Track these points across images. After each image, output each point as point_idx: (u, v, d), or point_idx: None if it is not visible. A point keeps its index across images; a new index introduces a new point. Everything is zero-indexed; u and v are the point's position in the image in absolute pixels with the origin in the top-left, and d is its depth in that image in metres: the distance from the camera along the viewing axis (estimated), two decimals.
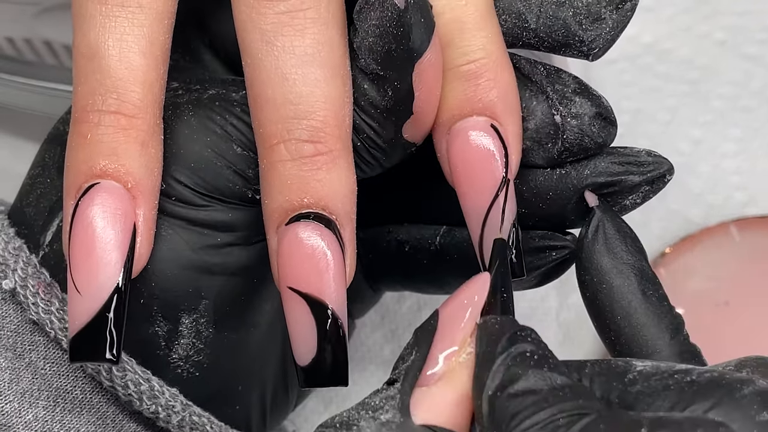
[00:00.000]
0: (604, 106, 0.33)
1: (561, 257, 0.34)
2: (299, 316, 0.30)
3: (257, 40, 0.30)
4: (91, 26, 0.30)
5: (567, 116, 0.32)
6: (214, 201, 0.32)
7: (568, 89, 0.33)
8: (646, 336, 0.32)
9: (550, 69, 0.33)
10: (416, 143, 0.32)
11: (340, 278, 0.30)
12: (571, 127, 0.32)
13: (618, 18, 0.32)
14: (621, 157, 0.33)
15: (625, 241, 0.32)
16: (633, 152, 0.33)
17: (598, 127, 0.32)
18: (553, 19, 0.32)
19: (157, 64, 0.31)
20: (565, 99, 0.32)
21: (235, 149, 0.32)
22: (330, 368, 0.31)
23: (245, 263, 0.33)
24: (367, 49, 0.31)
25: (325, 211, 0.30)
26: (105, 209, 0.30)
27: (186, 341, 0.33)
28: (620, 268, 0.32)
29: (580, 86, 0.33)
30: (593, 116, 0.32)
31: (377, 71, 0.31)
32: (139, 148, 0.30)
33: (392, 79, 0.31)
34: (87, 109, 0.30)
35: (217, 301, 0.33)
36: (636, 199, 0.33)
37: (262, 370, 0.35)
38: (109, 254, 0.30)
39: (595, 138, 0.32)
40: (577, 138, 0.32)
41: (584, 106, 0.32)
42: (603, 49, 0.32)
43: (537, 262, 0.34)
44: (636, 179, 0.33)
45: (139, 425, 0.33)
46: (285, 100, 0.30)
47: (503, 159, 0.32)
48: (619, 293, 0.32)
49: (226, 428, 0.34)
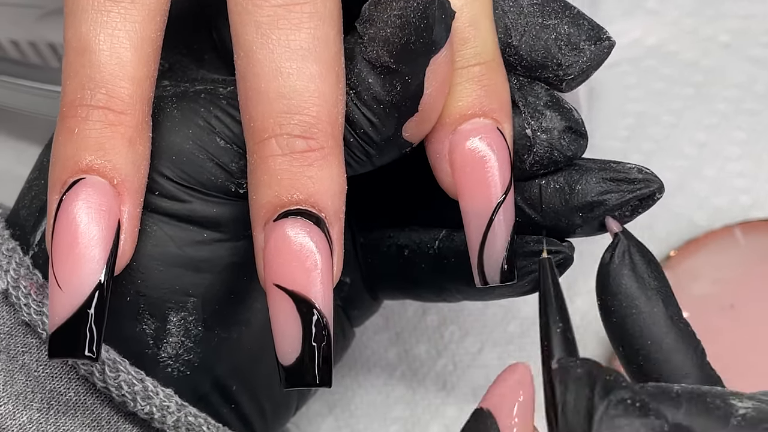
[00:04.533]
0: (575, 120, 0.33)
1: (556, 261, 0.34)
2: (284, 315, 0.30)
3: (252, 33, 0.30)
4: (83, 20, 0.30)
5: (537, 130, 0.32)
6: (198, 195, 0.32)
7: (540, 102, 0.33)
8: (676, 360, 0.31)
9: (524, 81, 0.33)
10: (413, 143, 0.32)
11: (328, 277, 0.30)
12: (541, 141, 0.32)
13: (596, 51, 0.33)
14: (612, 173, 0.33)
15: (650, 266, 0.32)
16: (624, 168, 0.33)
17: (568, 141, 0.32)
18: (536, 39, 0.32)
19: (147, 60, 0.30)
20: (537, 112, 0.33)
21: (218, 142, 0.32)
22: (313, 369, 0.30)
23: (233, 260, 0.33)
24: (383, 40, 0.30)
25: (315, 208, 0.30)
26: (89, 205, 0.30)
27: (175, 339, 0.33)
28: (649, 294, 0.32)
29: (552, 99, 0.33)
30: (563, 130, 0.32)
31: (389, 64, 0.30)
32: (127, 144, 0.30)
33: (404, 73, 0.30)
34: (75, 103, 0.30)
35: (205, 299, 0.33)
36: (623, 217, 0.33)
37: (258, 370, 0.35)
38: (91, 250, 0.29)
39: (564, 151, 0.32)
40: (546, 152, 0.32)
41: (554, 120, 0.32)
42: (577, 78, 0.33)
43: (531, 266, 0.34)
44: (626, 197, 0.33)
45: (135, 426, 0.33)
46: (278, 95, 0.30)
47: (509, 162, 0.32)
48: (650, 318, 0.31)
49: (224, 429, 0.34)
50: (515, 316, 0.45)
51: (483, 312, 0.45)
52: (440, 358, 0.45)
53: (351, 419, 0.44)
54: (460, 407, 0.44)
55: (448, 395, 0.44)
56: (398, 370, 0.44)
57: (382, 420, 0.44)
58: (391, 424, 0.44)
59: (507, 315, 0.45)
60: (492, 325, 0.45)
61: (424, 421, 0.44)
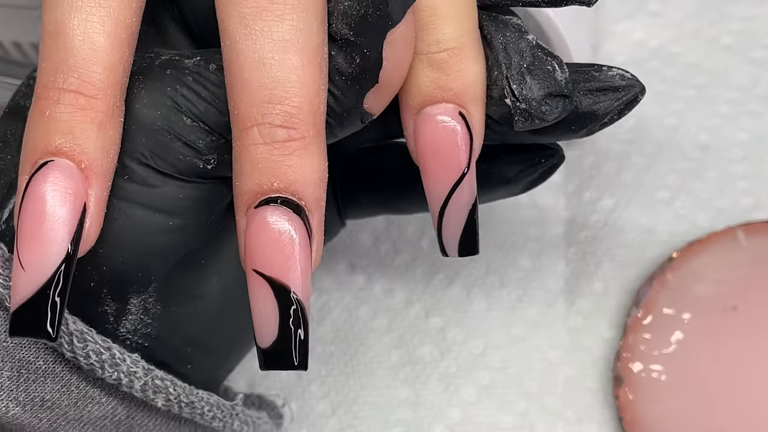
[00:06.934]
0: (556, 83, 0.33)
1: (549, 164, 0.36)
2: (262, 299, 0.31)
3: (236, 24, 0.31)
4: (58, 4, 0.31)
5: (516, 99, 0.33)
6: (166, 178, 0.32)
7: (524, 63, 0.33)
8: None
9: (510, 38, 0.34)
10: (373, 115, 0.33)
11: (306, 264, 0.31)
12: (521, 110, 0.33)
13: None
14: (597, 83, 0.34)
15: None
16: (607, 77, 0.34)
17: (549, 107, 0.33)
18: None
19: (121, 46, 0.31)
20: (519, 76, 0.33)
21: (185, 121, 0.32)
22: (290, 352, 0.31)
23: (196, 245, 0.34)
24: (342, 13, 0.31)
25: (295, 196, 0.31)
26: (56, 187, 0.30)
27: (134, 317, 0.34)
28: None
29: (534, 60, 0.33)
30: (543, 97, 0.33)
31: (348, 36, 0.31)
32: (96, 128, 0.30)
33: (363, 45, 0.31)
34: (48, 86, 0.30)
35: (166, 283, 0.34)
36: (611, 121, 0.35)
37: (212, 335, 0.36)
38: (56, 232, 0.30)
39: (545, 118, 0.33)
40: (527, 120, 0.33)
41: (533, 89, 0.33)
42: None
43: (528, 168, 0.37)
44: (614, 104, 0.34)
45: (103, 391, 0.34)
46: (260, 85, 0.30)
47: (468, 146, 0.33)
48: None
49: (190, 389, 0.35)
50: (519, 318, 0.45)
51: (486, 314, 0.45)
52: (443, 360, 0.45)
53: (354, 420, 0.44)
54: (464, 409, 0.44)
55: (451, 397, 0.44)
56: (401, 372, 0.45)
57: (385, 422, 0.44)
58: (394, 425, 0.44)
59: (511, 317, 0.45)
60: (495, 327, 0.45)
61: (427, 423, 0.44)
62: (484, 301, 0.45)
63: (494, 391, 0.44)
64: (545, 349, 0.44)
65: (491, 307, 0.45)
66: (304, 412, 0.44)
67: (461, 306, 0.45)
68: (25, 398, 0.33)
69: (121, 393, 0.34)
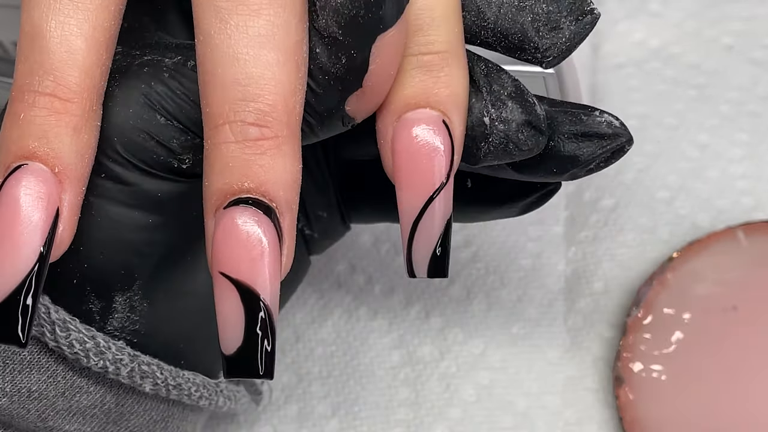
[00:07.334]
0: (535, 114, 0.32)
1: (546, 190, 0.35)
2: (228, 303, 0.30)
3: (211, 17, 0.30)
4: (36, 6, 0.30)
5: (496, 120, 0.32)
6: (142, 176, 0.32)
7: (504, 91, 0.32)
8: None
9: (492, 68, 0.33)
10: (356, 120, 0.32)
11: (275, 268, 0.30)
12: (498, 131, 0.32)
13: (576, 29, 0.32)
14: (582, 126, 0.33)
15: None
16: (595, 122, 0.33)
17: (526, 135, 0.32)
18: (511, 23, 0.32)
19: (98, 49, 0.30)
20: (499, 101, 0.32)
21: (159, 119, 0.32)
22: (255, 360, 0.30)
23: (179, 242, 0.33)
24: (333, 10, 0.30)
25: (266, 197, 0.30)
26: (28, 191, 0.30)
27: (120, 315, 0.33)
28: None
29: (517, 90, 0.32)
30: (522, 123, 0.32)
31: (336, 35, 0.30)
32: (71, 132, 0.30)
33: (350, 46, 0.30)
34: (23, 88, 0.30)
35: (151, 280, 0.33)
36: (597, 168, 0.34)
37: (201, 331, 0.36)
38: (27, 237, 0.30)
39: (520, 145, 0.32)
40: (502, 143, 0.32)
41: (514, 112, 0.32)
42: (557, 58, 0.32)
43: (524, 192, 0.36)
44: (597, 152, 0.33)
45: (90, 380, 0.34)
46: (234, 81, 0.30)
47: (449, 156, 0.31)
48: None
49: (176, 371, 0.35)
50: (519, 317, 0.45)
51: (487, 314, 0.45)
52: (443, 360, 0.45)
53: (355, 421, 0.44)
54: (464, 409, 0.44)
55: (451, 397, 0.44)
56: (402, 372, 0.45)
57: (386, 422, 0.44)
58: (395, 426, 0.44)
59: (511, 317, 0.45)
60: (496, 327, 0.45)
61: (427, 423, 0.44)
62: (484, 301, 0.45)
63: (494, 391, 0.44)
64: (545, 349, 0.44)
65: (491, 307, 0.45)
66: (304, 412, 0.44)
67: (461, 306, 0.45)
68: (12, 389, 0.33)
69: (108, 381, 0.34)
